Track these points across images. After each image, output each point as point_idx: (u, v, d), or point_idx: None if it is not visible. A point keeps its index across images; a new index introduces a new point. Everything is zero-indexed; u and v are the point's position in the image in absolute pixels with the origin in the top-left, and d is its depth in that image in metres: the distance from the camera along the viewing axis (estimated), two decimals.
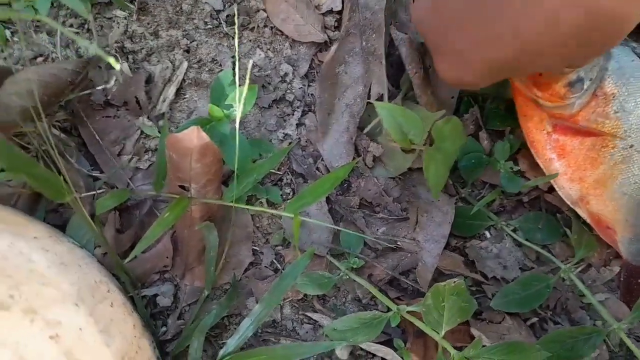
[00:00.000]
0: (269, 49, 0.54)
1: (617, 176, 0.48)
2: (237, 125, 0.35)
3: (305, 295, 0.52)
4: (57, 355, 0.36)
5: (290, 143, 0.53)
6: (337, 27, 0.55)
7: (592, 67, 0.46)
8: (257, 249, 0.53)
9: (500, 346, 0.42)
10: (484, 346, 0.43)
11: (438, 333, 0.44)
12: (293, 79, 0.54)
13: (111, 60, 0.22)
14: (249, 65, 0.38)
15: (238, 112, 0.34)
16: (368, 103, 0.52)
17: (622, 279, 0.53)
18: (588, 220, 0.50)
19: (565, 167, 0.49)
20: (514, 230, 0.54)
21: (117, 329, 0.42)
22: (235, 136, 0.42)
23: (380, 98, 0.51)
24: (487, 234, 0.54)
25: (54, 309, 0.38)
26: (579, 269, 0.54)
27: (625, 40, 0.48)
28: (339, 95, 0.53)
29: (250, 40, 0.54)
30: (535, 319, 0.52)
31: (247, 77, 0.33)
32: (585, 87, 0.46)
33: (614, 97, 0.46)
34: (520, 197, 0.54)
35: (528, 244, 0.53)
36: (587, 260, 0.54)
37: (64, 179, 0.39)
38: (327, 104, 0.53)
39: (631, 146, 0.47)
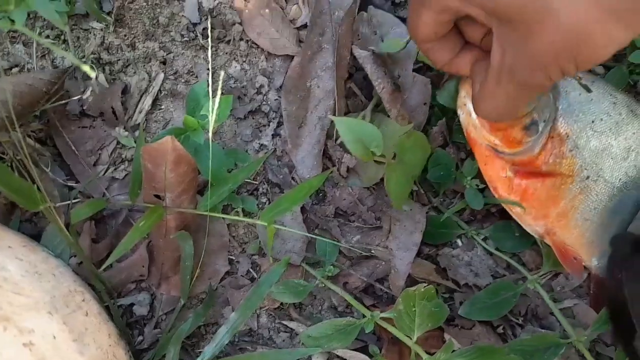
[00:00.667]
0: (244, 62, 0.55)
1: (577, 206, 0.50)
2: (210, 135, 0.36)
3: (281, 303, 0.52)
4: None
5: (265, 153, 0.54)
6: None
7: (543, 109, 0.47)
8: (233, 258, 0.53)
9: (470, 350, 0.43)
10: (455, 350, 0.44)
11: (410, 338, 0.45)
12: (268, 90, 0.55)
13: (86, 68, 0.22)
14: (221, 76, 0.38)
15: (211, 121, 0.35)
16: None
17: (592, 291, 0.54)
18: (555, 252, 0.51)
19: (529, 207, 0.50)
20: (485, 239, 0.55)
21: (91, 338, 0.42)
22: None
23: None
24: (459, 242, 0.55)
25: (28, 317, 0.38)
26: (548, 276, 0.55)
27: None
28: (311, 109, 0.54)
29: (226, 53, 0.55)
30: (504, 326, 0.53)
31: (219, 87, 0.34)
32: (540, 129, 0.48)
33: (567, 136, 0.48)
34: (489, 207, 0.56)
35: (498, 253, 0.54)
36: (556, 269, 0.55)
37: (38, 188, 0.39)
38: (296, 117, 0.54)
39: (587, 177, 0.49)
